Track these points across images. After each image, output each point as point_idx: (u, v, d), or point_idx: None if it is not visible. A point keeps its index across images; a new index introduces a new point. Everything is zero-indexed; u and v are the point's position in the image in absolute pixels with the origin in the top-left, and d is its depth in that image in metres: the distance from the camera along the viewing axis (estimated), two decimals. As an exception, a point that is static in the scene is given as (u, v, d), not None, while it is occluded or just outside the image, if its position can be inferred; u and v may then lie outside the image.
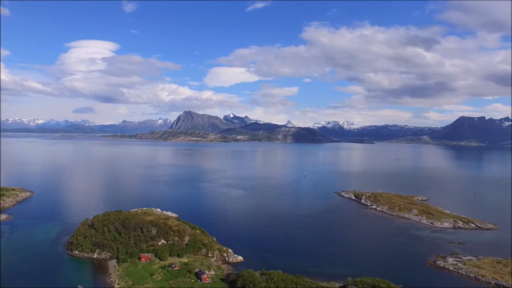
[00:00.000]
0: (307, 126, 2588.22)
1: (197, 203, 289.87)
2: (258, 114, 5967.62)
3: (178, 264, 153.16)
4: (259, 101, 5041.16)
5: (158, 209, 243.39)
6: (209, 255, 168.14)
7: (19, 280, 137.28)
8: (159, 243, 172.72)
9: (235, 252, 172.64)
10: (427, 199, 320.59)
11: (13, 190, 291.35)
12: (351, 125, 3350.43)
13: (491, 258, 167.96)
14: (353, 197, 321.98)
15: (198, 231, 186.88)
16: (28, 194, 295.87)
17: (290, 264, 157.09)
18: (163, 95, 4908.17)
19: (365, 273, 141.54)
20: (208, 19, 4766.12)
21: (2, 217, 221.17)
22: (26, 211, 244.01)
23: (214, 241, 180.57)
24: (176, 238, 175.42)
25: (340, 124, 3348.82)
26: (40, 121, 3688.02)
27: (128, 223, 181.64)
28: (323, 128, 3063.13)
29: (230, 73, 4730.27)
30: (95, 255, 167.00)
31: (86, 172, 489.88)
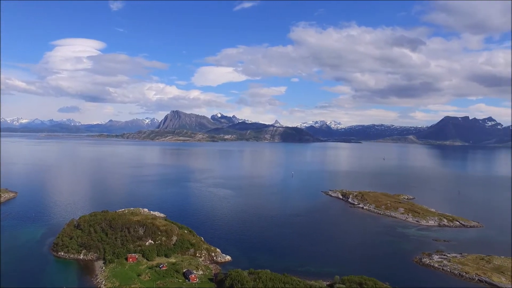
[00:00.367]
0: (295, 126, 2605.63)
1: (185, 203, 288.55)
2: (246, 114, 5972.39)
3: (166, 264, 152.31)
4: (247, 101, 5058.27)
5: (146, 209, 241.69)
6: (197, 255, 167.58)
7: (3, 283, 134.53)
8: (147, 243, 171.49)
9: (223, 252, 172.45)
10: (413, 198, 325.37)
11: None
12: (339, 125, 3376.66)
13: (475, 255, 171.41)
14: (340, 196, 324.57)
15: (186, 231, 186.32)
16: (12, 195, 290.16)
17: (278, 263, 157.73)
18: (150, 95, 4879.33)
19: (352, 271, 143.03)
20: (196, 18, 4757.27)
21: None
22: (10, 212, 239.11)
23: (202, 241, 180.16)
24: (164, 238, 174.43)
25: (328, 124, 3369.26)
26: (24, 121, 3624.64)
27: (115, 223, 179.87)
28: (311, 128, 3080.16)
29: (218, 73, 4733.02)
30: (81, 256, 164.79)
31: (72, 172, 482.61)
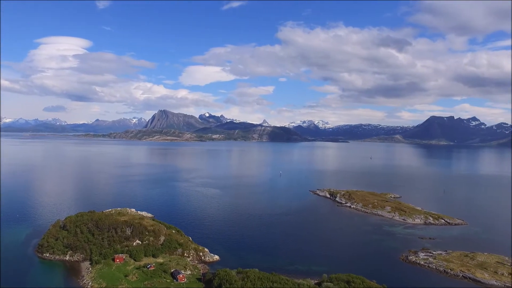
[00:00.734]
0: (283, 125, 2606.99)
1: (173, 203, 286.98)
2: (234, 113, 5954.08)
3: (154, 265, 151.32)
4: (235, 100, 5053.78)
5: (133, 209, 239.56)
6: (185, 255, 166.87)
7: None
8: (134, 244, 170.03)
9: (211, 251, 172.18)
10: (400, 197, 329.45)
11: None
12: (326, 124, 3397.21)
13: (459, 252, 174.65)
14: (328, 195, 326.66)
15: (174, 231, 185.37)
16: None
17: (266, 262, 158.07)
18: (138, 94, 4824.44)
19: (340, 270, 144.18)
20: (184, 17, 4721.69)
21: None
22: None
23: (190, 241, 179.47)
24: (151, 238, 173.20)
25: (315, 123, 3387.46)
26: (8, 120, 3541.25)
27: (102, 224, 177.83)
28: (299, 127, 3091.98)
29: (206, 72, 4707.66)
30: (67, 257, 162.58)
31: (57, 172, 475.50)
